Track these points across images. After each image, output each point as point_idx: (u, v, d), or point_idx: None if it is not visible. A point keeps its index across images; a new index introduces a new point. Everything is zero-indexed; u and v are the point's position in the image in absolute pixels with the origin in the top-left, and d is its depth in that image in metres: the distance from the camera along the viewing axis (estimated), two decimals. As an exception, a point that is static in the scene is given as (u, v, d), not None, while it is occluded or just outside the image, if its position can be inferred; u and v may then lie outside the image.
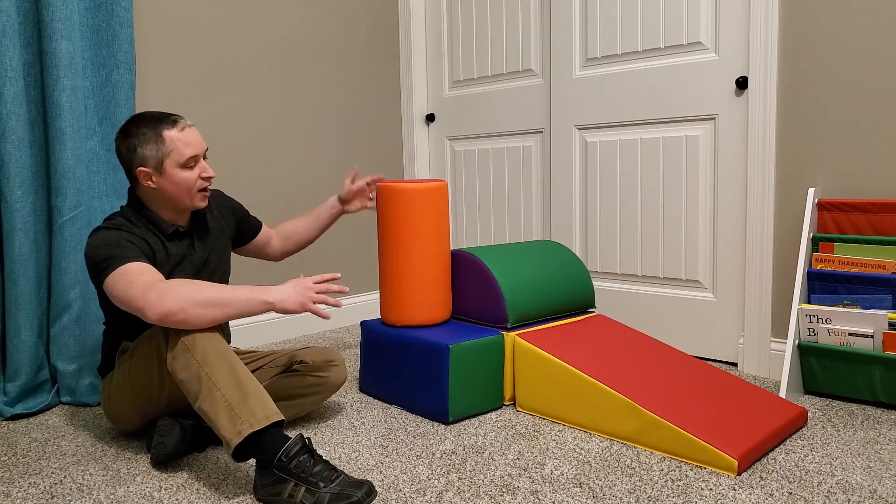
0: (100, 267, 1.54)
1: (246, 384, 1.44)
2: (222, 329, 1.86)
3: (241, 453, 1.45)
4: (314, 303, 1.55)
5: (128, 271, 1.50)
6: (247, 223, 2.00)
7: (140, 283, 1.47)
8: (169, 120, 1.64)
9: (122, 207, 1.72)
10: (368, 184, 2.18)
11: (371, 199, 2.21)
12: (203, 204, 1.71)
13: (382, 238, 1.99)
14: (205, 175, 1.67)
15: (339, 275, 1.63)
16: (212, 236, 1.82)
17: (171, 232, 1.69)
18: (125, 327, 1.72)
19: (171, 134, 1.63)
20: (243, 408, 1.40)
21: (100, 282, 1.55)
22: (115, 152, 1.67)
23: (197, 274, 1.76)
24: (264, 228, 2.08)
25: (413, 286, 1.96)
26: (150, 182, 1.65)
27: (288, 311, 1.54)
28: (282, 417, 1.43)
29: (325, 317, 1.53)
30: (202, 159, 1.68)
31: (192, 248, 1.75)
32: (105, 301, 1.71)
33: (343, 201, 2.18)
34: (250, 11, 2.67)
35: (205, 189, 1.70)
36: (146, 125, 1.63)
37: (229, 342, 1.93)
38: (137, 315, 1.49)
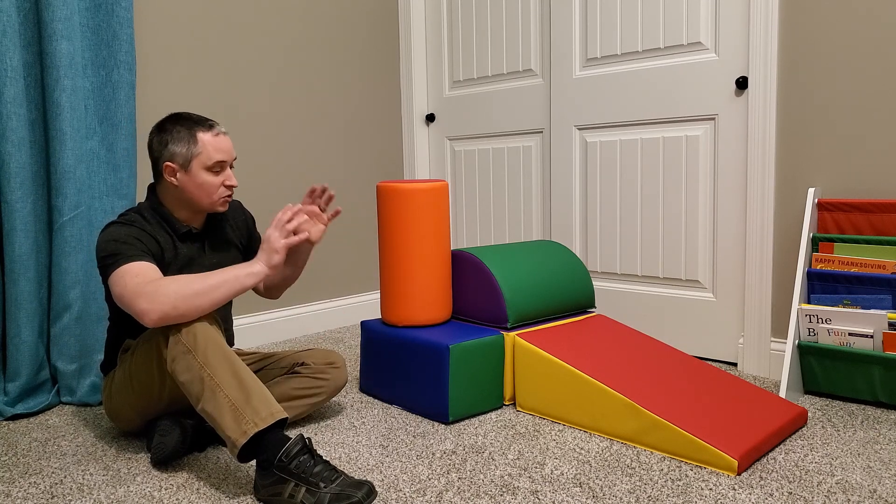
0: (105, 262, 1.56)
1: (248, 383, 1.44)
2: (225, 331, 1.86)
3: (245, 454, 1.45)
4: (293, 233, 1.55)
5: (127, 272, 1.51)
6: (253, 245, 1.95)
7: (133, 286, 1.48)
8: (206, 123, 1.68)
9: (139, 203, 1.74)
10: (319, 206, 1.92)
11: (326, 215, 2.01)
12: (223, 209, 1.72)
13: (383, 238, 1.99)
14: (228, 183, 1.70)
15: (300, 206, 1.61)
16: (224, 244, 1.82)
17: (183, 232, 1.70)
18: (128, 324, 1.72)
19: (204, 136, 1.66)
20: (247, 407, 1.41)
21: (105, 277, 1.57)
22: (146, 146, 1.70)
23: None
24: None
25: (413, 286, 1.96)
26: (173, 178, 1.67)
27: (275, 263, 1.54)
28: (286, 415, 1.44)
29: (310, 240, 1.52)
30: (228, 168, 1.71)
31: (203, 251, 1.75)
32: (109, 297, 1.71)
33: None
34: (250, 12, 2.67)
35: (229, 196, 1.72)
36: (182, 124, 1.66)
37: (232, 344, 1.93)
38: (136, 318, 1.50)
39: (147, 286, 1.48)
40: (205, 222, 1.78)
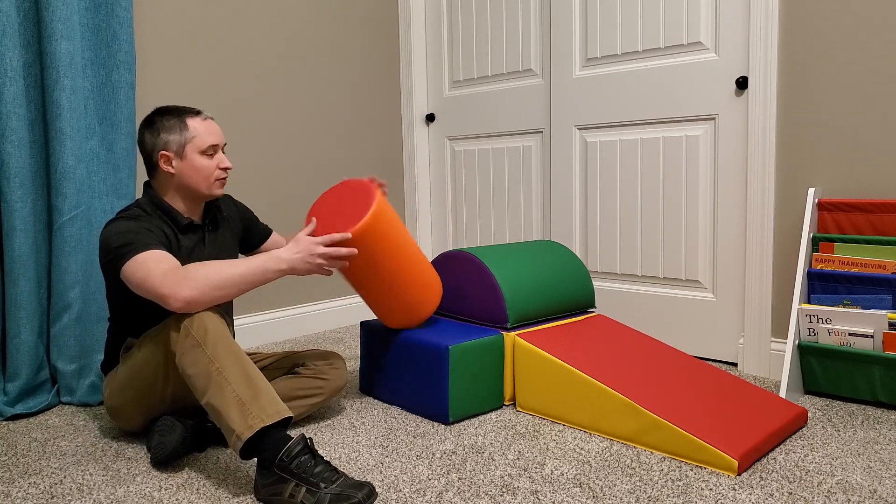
0: (118, 253, 1.55)
1: (257, 381, 1.45)
2: (229, 327, 1.86)
3: (247, 450, 1.45)
4: (319, 266, 1.61)
5: (147, 259, 1.52)
6: (255, 228, 2.01)
7: (159, 272, 1.49)
8: (193, 110, 1.72)
9: (137, 200, 1.75)
10: None
11: None
12: (219, 192, 1.75)
13: (351, 281, 1.83)
14: (223, 165, 1.73)
15: (349, 235, 1.64)
16: (221, 236, 1.84)
17: (184, 224, 1.71)
18: (130, 323, 1.71)
19: (194, 122, 1.70)
20: (254, 403, 1.41)
21: (116, 268, 1.56)
22: (137, 144, 1.76)
23: None
24: (274, 235, 2.09)
25: (400, 305, 1.87)
26: (169, 167, 1.69)
27: (300, 274, 1.60)
28: (290, 414, 1.44)
29: (327, 273, 1.62)
30: (221, 151, 1.74)
31: (203, 243, 1.77)
32: (112, 294, 1.71)
33: None
34: (250, 11, 2.67)
35: (224, 178, 1.75)
36: (171, 113, 1.70)
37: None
38: (158, 302, 1.50)
39: (177, 271, 1.49)
40: (202, 215, 1.79)
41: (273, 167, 2.78)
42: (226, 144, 1.78)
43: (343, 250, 1.61)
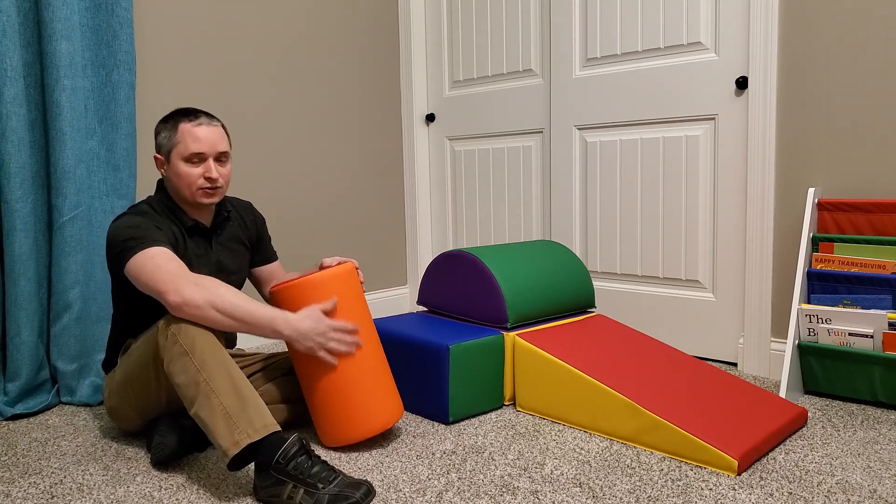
0: (125, 246, 1.53)
1: (244, 392, 1.43)
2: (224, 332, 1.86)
3: (236, 462, 1.45)
4: (325, 350, 1.57)
5: (156, 255, 1.51)
6: (263, 244, 1.93)
7: (169, 269, 1.48)
8: (192, 114, 1.67)
9: (148, 197, 1.75)
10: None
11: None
12: (205, 201, 1.68)
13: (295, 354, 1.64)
14: (207, 175, 1.65)
15: (357, 328, 1.62)
16: (231, 242, 1.81)
17: (190, 226, 1.70)
18: (131, 323, 1.71)
19: (184, 126, 1.66)
20: (241, 416, 1.40)
21: (122, 262, 1.54)
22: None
23: (212, 275, 1.74)
24: (277, 265, 1.97)
25: (350, 397, 1.62)
26: (161, 170, 1.71)
27: (296, 349, 1.57)
28: (278, 428, 1.42)
29: (332, 362, 1.57)
30: (211, 160, 1.66)
31: (210, 247, 1.75)
32: (117, 291, 1.70)
33: None
34: (250, 11, 2.67)
35: (210, 189, 1.67)
36: (173, 115, 1.69)
37: (235, 343, 1.93)
38: (157, 298, 1.48)
39: (188, 274, 1.49)
40: (213, 219, 1.78)
41: (272, 167, 2.78)
42: (224, 153, 1.69)
43: (348, 338, 1.59)
